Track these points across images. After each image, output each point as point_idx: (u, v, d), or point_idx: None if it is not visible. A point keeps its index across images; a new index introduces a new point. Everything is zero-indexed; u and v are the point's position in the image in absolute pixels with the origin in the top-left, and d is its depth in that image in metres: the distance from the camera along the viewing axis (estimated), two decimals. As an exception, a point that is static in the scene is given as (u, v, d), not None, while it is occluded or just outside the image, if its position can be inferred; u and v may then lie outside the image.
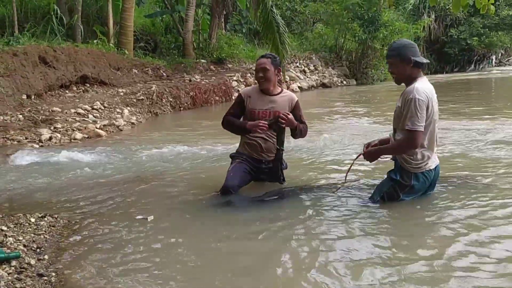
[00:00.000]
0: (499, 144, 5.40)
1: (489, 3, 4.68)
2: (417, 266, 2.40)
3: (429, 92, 3.14)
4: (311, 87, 16.86)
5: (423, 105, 3.07)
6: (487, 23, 25.80)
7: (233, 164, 3.84)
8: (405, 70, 3.19)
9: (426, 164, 3.25)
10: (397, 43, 3.28)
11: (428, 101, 3.10)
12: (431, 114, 3.15)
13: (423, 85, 3.15)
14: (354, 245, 2.69)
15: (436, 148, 3.36)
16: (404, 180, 3.28)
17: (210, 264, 2.55)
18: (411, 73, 3.20)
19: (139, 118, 9.02)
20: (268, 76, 3.74)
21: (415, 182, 3.27)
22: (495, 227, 2.85)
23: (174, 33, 14.59)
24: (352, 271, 2.38)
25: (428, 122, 3.15)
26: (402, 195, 3.31)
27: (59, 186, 4.31)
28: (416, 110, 3.05)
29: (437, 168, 3.39)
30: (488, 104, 10.78)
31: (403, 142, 3.19)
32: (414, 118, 3.06)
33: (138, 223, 3.22)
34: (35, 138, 6.57)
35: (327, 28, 20.07)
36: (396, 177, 3.31)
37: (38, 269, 2.51)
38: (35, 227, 3.15)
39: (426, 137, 3.19)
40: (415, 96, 3.06)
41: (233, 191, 3.66)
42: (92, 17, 12.89)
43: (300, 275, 2.38)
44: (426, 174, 3.28)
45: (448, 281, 2.22)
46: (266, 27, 12.29)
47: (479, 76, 21.48)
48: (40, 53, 8.70)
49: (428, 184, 3.36)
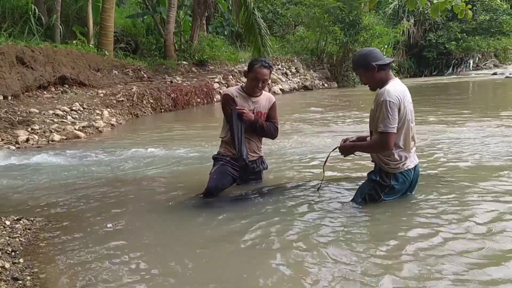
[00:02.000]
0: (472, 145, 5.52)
1: (467, 8, 4.79)
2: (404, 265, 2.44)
3: (400, 93, 3.17)
4: (292, 90, 16.95)
5: (394, 107, 3.11)
6: (465, 28, 26.34)
7: (216, 166, 3.84)
8: (373, 76, 3.25)
9: (404, 164, 3.30)
10: (357, 55, 3.36)
11: (399, 102, 3.14)
12: (404, 115, 3.18)
13: (394, 87, 3.19)
14: (341, 246, 2.72)
15: (414, 148, 3.41)
16: (383, 181, 3.33)
17: (192, 267, 2.54)
18: (380, 78, 3.24)
19: (119, 119, 8.93)
20: (265, 87, 3.83)
21: (394, 182, 3.32)
22: (467, 222, 2.92)
23: (156, 34, 14.51)
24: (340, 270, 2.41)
25: (401, 123, 3.19)
26: (383, 196, 3.35)
27: (35, 189, 4.24)
28: (387, 112, 3.10)
29: (417, 167, 3.43)
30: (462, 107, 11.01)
31: (376, 143, 3.25)
32: (386, 120, 3.11)
33: (117, 226, 3.18)
34: (11, 139, 6.46)
35: (308, 31, 20.21)
36: (376, 177, 3.36)
37: (13, 273, 2.47)
38: (10, 230, 3.09)
39: (401, 137, 3.23)
40: (386, 98, 3.11)
41: (216, 194, 3.67)
42: (72, 17, 12.71)
43: (283, 275, 2.39)
44: (405, 174, 3.33)
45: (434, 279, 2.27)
46: (248, 29, 12.32)
47: (458, 80, 21.90)
48: (17, 53, 8.55)
49: (408, 184, 3.40)
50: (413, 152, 3.38)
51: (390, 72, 3.28)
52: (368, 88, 3.37)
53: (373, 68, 3.20)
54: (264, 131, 3.84)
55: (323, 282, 2.29)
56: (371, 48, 3.40)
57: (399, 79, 3.38)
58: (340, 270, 2.40)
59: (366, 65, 3.23)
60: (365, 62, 3.23)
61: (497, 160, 4.70)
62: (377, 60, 3.21)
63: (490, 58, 31.55)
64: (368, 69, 3.22)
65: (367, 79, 3.30)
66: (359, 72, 3.33)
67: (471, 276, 2.29)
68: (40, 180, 4.55)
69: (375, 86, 3.31)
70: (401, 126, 3.19)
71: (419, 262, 2.45)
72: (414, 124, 3.35)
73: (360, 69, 3.30)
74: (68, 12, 12.50)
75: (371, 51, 3.29)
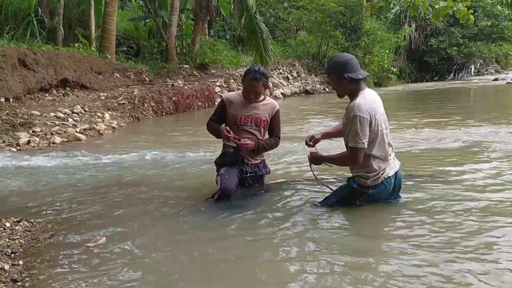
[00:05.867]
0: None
1: (469, 13, 4.79)
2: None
3: (371, 106, 3.13)
4: (294, 94, 16.94)
5: (364, 122, 3.07)
6: (466, 33, 26.33)
7: (224, 168, 3.78)
8: (343, 86, 3.23)
9: (383, 173, 3.25)
10: (333, 61, 3.32)
11: (370, 116, 3.10)
12: (376, 127, 3.15)
13: (365, 100, 3.14)
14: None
15: (393, 154, 3.37)
16: (362, 188, 3.30)
17: (196, 271, 2.54)
18: (351, 89, 3.22)
19: (120, 122, 8.94)
20: (258, 97, 3.79)
21: (372, 190, 3.28)
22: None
23: (157, 37, 14.53)
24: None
25: (374, 135, 3.15)
26: (359, 202, 3.33)
27: (36, 191, 4.25)
28: (357, 127, 3.07)
29: (398, 173, 3.38)
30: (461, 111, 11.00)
31: (346, 157, 3.27)
32: (356, 136, 3.08)
33: (117, 229, 3.18)
34: (12, 141, 6.47)
35: (310, 36, 20.24)
36: (354, 185, 3.33)
37: (12, 275, 2.47)
38: (10, 231, 3.09)
39: (377, 148, 3.19)
40: (357, 113, 3.07)
41: (232, 195, 3.64)
42: (74, 20, 12.75)
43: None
44: (385, 182, 3.29)
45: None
46: (249, 33, 12.34)
47: (460, 85, 21.88)
48: (19, 55, 8.56)
49: (390, 191, 3.36)
50: (392, 158, 3.35)
51: (362, 85, 3.23)
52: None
53: (344, 79, 3.17)
54: (266, 150, 3.85)
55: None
56: (350, 57, 3.31)
57: (371, 89, 3.34)
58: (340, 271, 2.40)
59: (338, 74, 3.20)
60: (338, 71, 3.20)
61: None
62: (351, 73, 3.17)
63: (492, 63, 31.52)
64: (340, 78, 3.20)
65: (336, 87, 3.29)
66: (331, 77, 3.31)
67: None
68: (41, 182, 4.55)
69: (343, 95, 3.31)
70: (374, 137, 3.16)
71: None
72: (389, 131, 3.33)
73: (332, 75, 3.28)
74: (70, 15, 12.53)
75: (348, 61, 3.22)
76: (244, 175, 3.81)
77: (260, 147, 3.75)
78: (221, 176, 3.71)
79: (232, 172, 3.73)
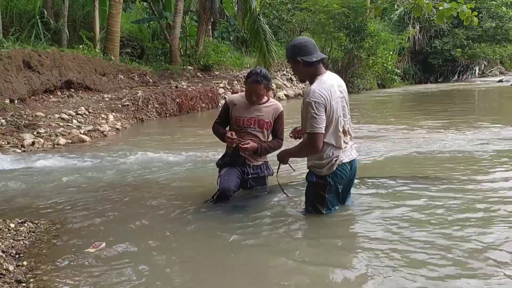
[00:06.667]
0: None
1: (473, 15, 4.79)
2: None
3: (326, 91, 3.07)
4: (297, 95, 16.92)
5: (319, 107, 3.02)
6: (471, 35, 26.23)
7: (224, 169, 3.80)
8: (300, 70, 3.20)
9: (336, 160, 3.17)
10: (289, 45, 3.28)
11: (325, 101, 3.04)
12: (331, 112, 3.09)
13: (321, 85, 3.09)
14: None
15: (351, 142, 3.30)
16: (321, 180, 3.23)
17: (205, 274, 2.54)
18: (308, 72, 3.18)
19: (124, 124, 8.96)
20: (260, 99, 3.78)
21: (331, 179, 3.20)
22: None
23: (161, 39, 14.56)
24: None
25: (329, 121, 3.10)
26: (327, 195, 3.24)
27: (40, 192, 4.26)
28: (313, 112, 3.02)
29: (354, 162, 3.31)
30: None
31: (305, 145, 3.17)
32: (312, 121, 3.03)
33: (118, 231, 3.19)
34: (17, 143, 6.49)
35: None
36: (312, 179, 3.27)
37: (17, 275, 2.48)
38: (15, 232, 3.10)
39: (331, 135, 3.13)
40: (311, 99, 3.03)
41: (231, 195, 3.64)
42: (79, 22, 12.80)
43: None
44: (340, 169, 3.20)
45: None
46: (253, 35, 12.34)
47: (463, 87, 21.82)
48: (24, 57, 8.61)
49: (347, 179, 3.29)
50: (349, 146, 3.27)
51: (320, 67, 3.19)
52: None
53: (299, 62, 3.15)
54: (269, 152, 3.84)
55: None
56: (305, 39, 3.26)
57: (333, 73, 3.28)
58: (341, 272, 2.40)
59: (293, 58, 3.18)
60: (292, 55, 3.18)
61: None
62: (305, 55, 3.13)
63: (496, 65, 31.46)
64: (295, 62, 3.17)
65: (294, 71, 3.28)
66: (289, 62, 3.29)
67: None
68: (45, 184, 4.57)
69: (303, 79, 3.29)
70: (329, 124, 3.10)
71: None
72: (349, 118, 3.27)
73: (289, 60, 3.25)
74: (75, 17, 12.59)
75: (302, 44, 3.18)
76: (245, 176, 3.82)
77: (263, 150, 3.75)
78: (221, 177, 3.73)
79: (232, 173, 3.74)
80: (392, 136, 7.15)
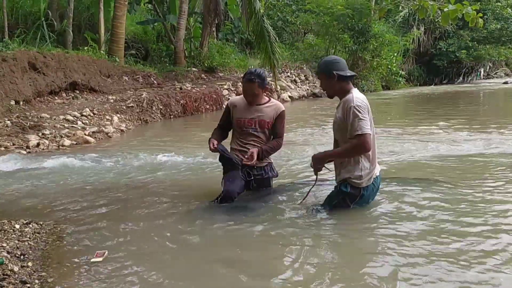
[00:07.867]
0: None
1: (478, 16, 4.78)
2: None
3: (366, 101, 3.24)
4: (301, 97, 16.93)
5: (364, 111, 3.14)
6: (476, 36, 26.14)
7: (227, 171, 3.79)
8: (333, 84, 3.30)
9: (373, 172, 3.31)
10: (322, 61, 3.44)
11: (367, 107, 3.20)
12: (370, 124, 3.20)
13: (359, 95, 3.25)
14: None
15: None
16: (356, 191, 3.31)
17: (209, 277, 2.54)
18: (340, 87, 3.29)
19: (129, 125, 8.99)
20: (256, 98, 3.77)
21: (364, 192, 3.32)
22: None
23: (166, 41, 14.61)
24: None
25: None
26: (353, 205, 3.34)
27: (45, 193, 4.27)
28: (360, 115, 3.11)
29: (380, 176, 3.46)
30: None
31: (354, 146, 3.17)
32: (361, 122, 3.10)
33: (125, 231, 3.19)
34: (22, 144, 6.52)
35: (317, 39, 20.22)
36: (346, 189, 3.32)
37: (21, 276, 2.49)
38: (20, 233, 3.11)
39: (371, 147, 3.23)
40: (356, 102, 3.15)
41: (235, 197, 3.64)
42: (84, 24, 12.86)
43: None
44: (374, 182, 3.36)
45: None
46: (257, 37, 12.35)
47: (469, 88, 21.75)
48: (29, 59, 8.65)
49: (376, 190, 3.44)
50: (376, 158, 3.41)
51: (350, 84, 3.33)
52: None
53: (333, 76, 3.25)
54: (270, 154, 3.84)
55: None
56: (338, 58, 3.46)
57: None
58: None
59: (328, 72, 3.29)
60: (327, 69, 3.30)
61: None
62: (339, 70, 3.27)
63: (501, 67, 31.31)
64: (329, 76, 3.27)
65: (326, 86, 3.37)
66: (321, 77, 3.40)
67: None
68: (50, 185, 4.58)
69: (332, 94, 3.38)
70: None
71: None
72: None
73: (322, 74, 3.37)
74: (80, 19, 12.65)
75: (336, 60, 3.36)
76: (249, 177, 3.81)
77: (264, 153, 3.74)
78: (225, 179, 3.74)
79: (236, 175, 3.73)
80: (408, 138, 7.06)
